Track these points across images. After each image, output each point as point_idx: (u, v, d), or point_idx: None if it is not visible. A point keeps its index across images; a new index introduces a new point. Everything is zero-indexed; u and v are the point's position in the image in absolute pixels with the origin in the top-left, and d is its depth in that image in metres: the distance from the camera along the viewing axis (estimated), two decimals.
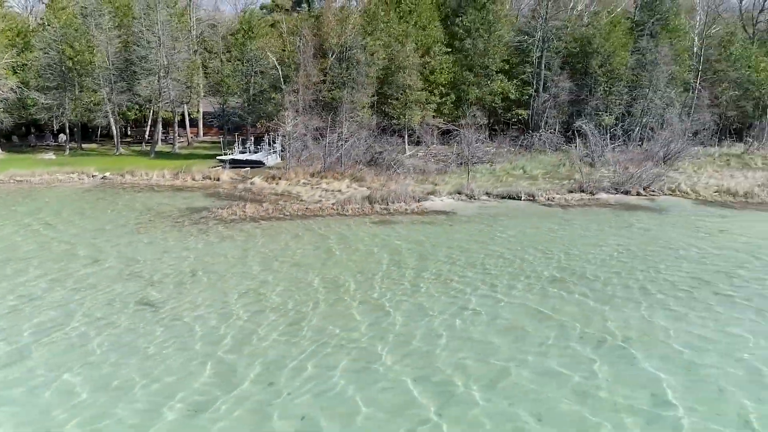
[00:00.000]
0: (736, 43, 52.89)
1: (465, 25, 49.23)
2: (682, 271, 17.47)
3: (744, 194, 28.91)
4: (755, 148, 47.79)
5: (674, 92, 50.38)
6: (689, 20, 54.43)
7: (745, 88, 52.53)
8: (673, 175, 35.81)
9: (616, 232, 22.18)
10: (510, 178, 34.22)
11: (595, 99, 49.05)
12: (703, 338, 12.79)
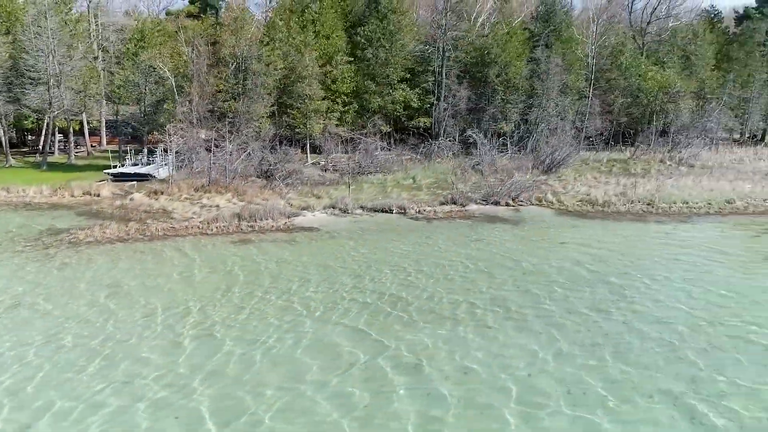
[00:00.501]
0: (626, 53, 55.52)
1: (367, 34, 49.75)
2: (503, 288, 18.31)
3: (602, 203, 30.45)
4: (640, 153, 50.38)
5: (568, 100, 52.45)
6: (584, 31, 56.74)
7: (635, 95, 55.24)
8: (553, 183, 37.35)
9: (464, 247, 22.98)
10: (396, 189, 34.83)
11: (493, 107, 50.53)
12: (477, 359, 13.49)
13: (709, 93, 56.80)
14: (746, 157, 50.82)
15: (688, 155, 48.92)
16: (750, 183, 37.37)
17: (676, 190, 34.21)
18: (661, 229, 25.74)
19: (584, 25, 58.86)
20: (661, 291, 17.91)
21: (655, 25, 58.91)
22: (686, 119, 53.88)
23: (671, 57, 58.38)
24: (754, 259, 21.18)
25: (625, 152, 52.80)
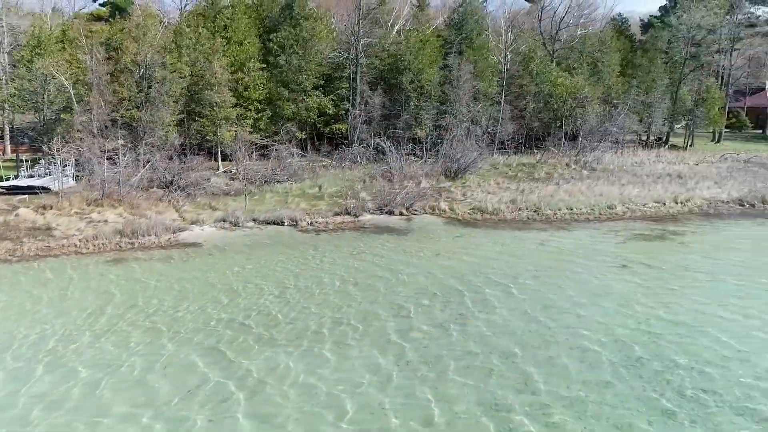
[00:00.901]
0: (536, 60, 57.16)
1: (279, 41, 49.39)
2: (374, 302, 18.72)
3: (492, 211, 31.29)
4: (547, 157, 52.01)
5: (480, 106, 53.59)
6: (498, 38, 58.07)
7: (545, 101, 56.93)
8: (455, 190, 38.11)
9: (346, 260, 23.26)
10: (298, 199, 34.75)
11: (407, 113, 51.07)
12: (322, 377, 13.74)
13: (615, 98, 59.09)
14: (647, 160, 53.22)
15: (592, 159, 50.79)
16: (639, 187, 39.15)
17: (568, 195, 35.56)
18: (539, 237, 26.71)
19: (499, 32, 60.27)
20: (523, 301, 18.65)
21: (565, 32, 60.90)
22: (593, 123, 55.86)
23: (581, 64, 60.45)
24: (613, 266, 22.20)
25: (537, 156, 54.29)
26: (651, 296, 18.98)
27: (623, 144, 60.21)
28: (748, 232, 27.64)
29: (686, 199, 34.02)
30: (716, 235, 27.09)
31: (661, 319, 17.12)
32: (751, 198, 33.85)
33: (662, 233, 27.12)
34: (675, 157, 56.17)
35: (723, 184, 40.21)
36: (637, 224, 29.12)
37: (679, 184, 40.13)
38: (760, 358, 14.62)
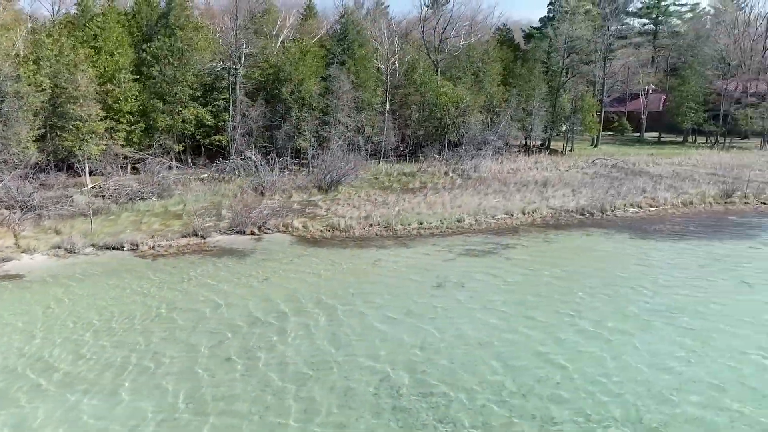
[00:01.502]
0: (419, 70, 58.19)
1: (153, 52, 47.79)
2: (177, 337, 18.40)
3: (343, 228, 31.51)
4: (427, 165, 53.03)
5: (364, 115, 53.95)
6: (382, 48, 58.62)
7: (429, 110, 58.04)
8: (322, 204, 38.14)
9: (172, 288, 22.78)
10: (154, 219, 33.70)
11: (288, 124, 50.69)
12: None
13: (496, 107, 61.00)
14: (524, 167, 55.14)
15: (471, 167, 52.21)
16: (501, 196, 40.53)
17: (427, 208, 36.36)
18: (376, 255, 27.10)
19: (385, 42, 60.85)
20: (328, 328, 18.77)
21: (449, 43, 62.29)
22: (475, 132, 57.42)
23: (465, 73, 62.02)
24: (430, 285, 22.81)
25: (421, 164, 55.17)
26: (444, 318, 19.67)
27: (507, 150, 62.39)
28: (573, 244, 29.17)
29: (533, 210, 35.50)
30: (542, 247, 28.38)
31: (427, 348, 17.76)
32: (592, 207, 35.74)
33: (494, 248, 28.15)
34: (551, 162, 58.64)
35: (578, 191, 42.31)
36: (477, 238, 30.10)
37: (539, 193, 41.90)
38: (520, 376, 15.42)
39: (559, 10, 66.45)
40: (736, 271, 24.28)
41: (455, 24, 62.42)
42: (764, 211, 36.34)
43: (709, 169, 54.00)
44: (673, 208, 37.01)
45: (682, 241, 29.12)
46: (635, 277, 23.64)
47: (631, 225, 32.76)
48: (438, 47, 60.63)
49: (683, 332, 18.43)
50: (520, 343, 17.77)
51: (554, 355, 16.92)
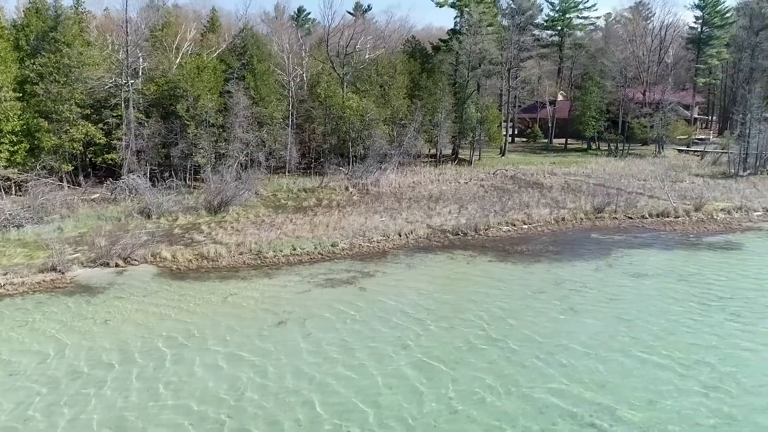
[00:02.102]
0: (323, 84, 58.07)
1: (37, 69, 45.77)
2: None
3: (213, 257, 31.07)
4: (328, 180, 53.01)
5: (266, 131, 53.43)
6: (287, 61, 58.11)
7: (335, 124, 58.00)
8: (205, 228, 37.44)
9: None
10: (20, 250, 32.18)
11: (185, 142, 49.58)
12: None
13: (403, 119, 61.54)
14: (426, 180, 55.86)
15: (371, 182, 52.52)
16: (389, 215, 40.91)
17: (309, 230, 36.35)
18: (233, 288, 26.88)
19: (287, 55, 60.36)
20: (149, 380, 18.48)
21: (354, 56, 62.36)
22: (380, 145, 57.74)
23: (372, 86, 62.25)
24: (271, 324, 22.79)
25: (322, 179, 55.02)
26: (272, 361, 19.71)
27: (415, 162, 63.17)
28: (432, 269, 29.68)
29: (410, 231, 36.03)
30: (401, 275, 28.71)
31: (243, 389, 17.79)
32: (467, 227, 36.59)
33: (354, 277, 28.38)
34: (455, 174, 59.74)
35: (465, 207, 43.26)
36: (343, 265, 30.27)
37: (427, 210, 42.55)
38: None
39: (464, 24, 67.66)
40: (570, 298, 25.35)
41: (360, 37, 62.45)
42: (627, 227, 38.11)
43: (599, 179, 56.30)
44: (545, 225, 38.31)
45: (535, 264, 30.16)
46: (474, 307, 24.32)
47: (498, 246, 33.70)
48: (343, 61, 60.59)
49: (488, 369, 19.10)
50: (338, 388, 17.97)
51: (368, 398, 17.21)
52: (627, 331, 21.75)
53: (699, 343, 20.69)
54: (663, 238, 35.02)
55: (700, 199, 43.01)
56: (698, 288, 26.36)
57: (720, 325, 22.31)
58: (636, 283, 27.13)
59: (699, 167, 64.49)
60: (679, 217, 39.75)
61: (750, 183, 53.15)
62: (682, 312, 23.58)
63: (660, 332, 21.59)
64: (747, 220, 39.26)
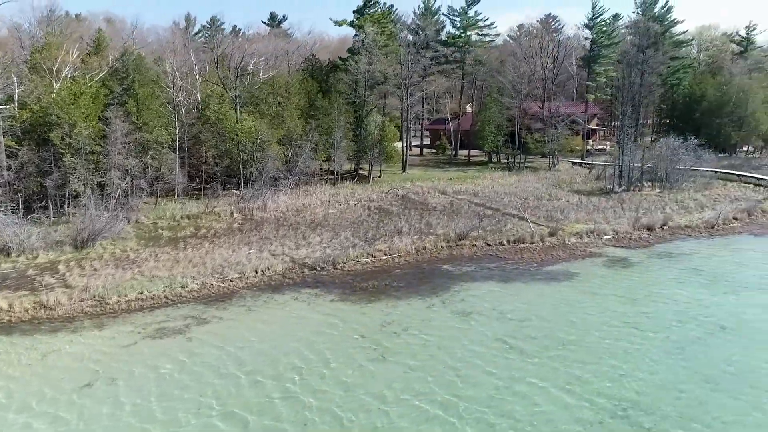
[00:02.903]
0: (212, 106, 57.48)
1: None
2: None
3: (51, 305, 30.35)
4: (213, 206, 52.54)
5: (150, 156, 52.45)
6: (172, 84, 57.13)
7: (226, 146, 57.51)
8: (61, 268, 36.45)
9: None
10: None
11: (60, 171, 48.08)
12: None
13: (298, 139, 61.65)
14: (314, 203, 56.01)
15: (258, 206, 52.40)
16: (259, 246, 40.95)
17: (169, 268, 35.87)
18: (59, 343, 26.40)
19: (184, 77, 59.42)
20: None
21: (247, 78, 62.01)
22: (272, 167, 57.62)
23: (269, 106, 62.03)
24: (80, 384, 22.55)
25: (207, 203, 54.29)
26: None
27: (313, 181, 63.39)
28: (272, 313, 29.90)
29: (267, 267, 36.29)
30: (237, 321, 28.83)
31: None
32: (324, 261, 37.14)
33: (189, 324, 28.33)
34: (348, 193, 60.24)
35: (338, 235, 43.78)
36: (185, 309, 30.21)
37: (300, 239, 42.89)
38: None
39: (360, 44, 68.36)
40: (386, 343, 26.22)
41: (253, 58, 62.14)
42: (481, 255, 39.56)
43: (484, 198, 58.10)
44: (405, 255, 39.34)
45: (374, 303, 30.97)
46: (294, 356, 24.81)
47: (347, 282, 34.38)
48: (235, 83, 60.14)
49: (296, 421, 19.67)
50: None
51: None
52: (420, 381, 22.72)
53: (482, 394, 21.80)
54: (508, 268, 36.59)
55: (557, 224, 45.19)
56: (510, 326, 27.73)
57: (512, 367, 23.60)
58: (458, 324, 28.28)
59: (583, 182, 67.62)
60: (534, 243, 41.56)
61: (619, 201, 56.03)
62: (484, 355, 24.77)
63: (451, 381, 22.65)
64: (594, 245, 41.47)
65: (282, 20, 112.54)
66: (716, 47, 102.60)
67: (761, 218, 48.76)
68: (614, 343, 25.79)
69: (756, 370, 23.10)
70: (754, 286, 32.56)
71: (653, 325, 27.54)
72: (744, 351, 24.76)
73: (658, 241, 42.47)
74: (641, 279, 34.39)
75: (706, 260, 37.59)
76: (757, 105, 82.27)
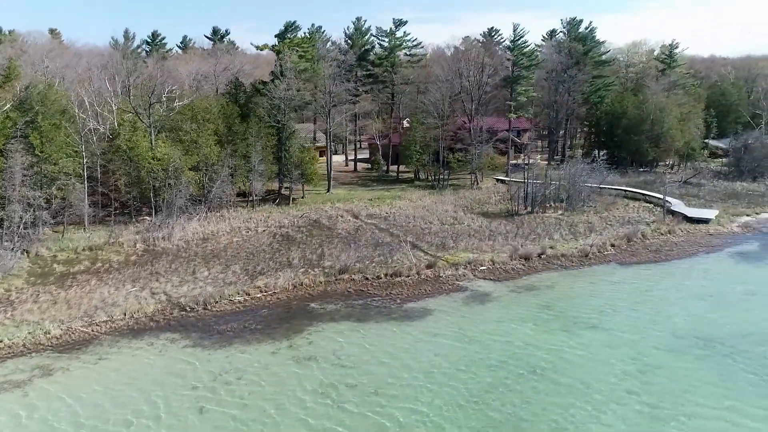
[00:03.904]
0: (123, 134, 57.98)
1: None
2: None
3: None
4: (117, 236, 53.06)
5: (56, 186, 52.82)
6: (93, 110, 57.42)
7: (137, 174, 58.02)
8: None
9: None
10: None
11: None
12: None
13: (214, 164, 62.32)
14: (223, 230, 56.58)
15: (162, 235, 53.11)
16: (144, 282, 41.75)
17: (42, 310, 36.57)
18: None
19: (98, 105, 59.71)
20: None
21: (164, 104, 62.56)
22: (187, 193, 58.25)
23: (186, 133, 62.54)
24: None
25: (111, 233, 54.33)
26: None
27: (228, 205, 64.02)
28: (115, 363, 30.71)
29: (137, 310, 37.20)
30: (83, 372, 29.53)
31: None
32: (197, 300, 38.16)
33: (33, 377, 29.00)
34: (261, 218, 60.88)
35: (228, 268, 44.87)
36: (36, 359, 30.96)
37: (189, 274, 43.87)
38: None
39: (278, 69, 69.28)
40: (211, 395, 27.35)
41: (168, 86, 62.71)
42: (354, 291, 40.78)
43: (392, 221, 59.31)
44: (281, 292, 40.54)
45: (224, 348, 32.07)
46: (122, 413, 25.81)
47: (209, 324, 35.30)
48: (149, 111, 60.65)
49: None
50: None
51: None
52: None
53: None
54: (372, 306, 38.02)
55: (443, 253, 46.81)
56: (340, 373, 29.12)
57: (329, 416, 24.96)
58: (296, 369, 29.53)
59: (497, 202, 69.33)
60: (410, 276, 43.08)
61: (519, 224, 57.77)
62: (305, 404, 26.08)
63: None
64: (466, 278, 43.09)
65: (225, 34, 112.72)
66: (642, 64, 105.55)
67: (638, 244, 50.89)
68: (430, 388, 27.30)
69: (538, 418, 24.76)
70: (586, 323, 34.42)
71: (476, 368, 29.12)
72: (536, 396, 26.48)
73: (529, 272, 44.28)
74: (489, 317, 36.05)
75: (561, 294, 39.46)
76: (672, 122, 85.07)
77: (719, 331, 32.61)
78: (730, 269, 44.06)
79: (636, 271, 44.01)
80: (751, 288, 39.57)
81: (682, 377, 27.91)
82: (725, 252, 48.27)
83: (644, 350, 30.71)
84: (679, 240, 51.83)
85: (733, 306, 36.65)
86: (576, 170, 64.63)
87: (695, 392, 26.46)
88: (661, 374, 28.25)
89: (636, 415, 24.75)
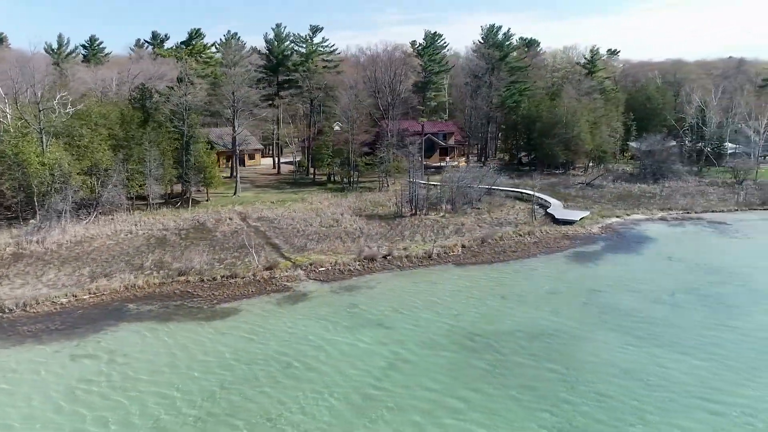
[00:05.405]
0: (8, 139, 58.88)
1: None
2: None
3: None
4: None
5: None
6: None
7: (23, 180, 58.89)
8: None
9: None
10: None
11: None
12: None
13: (108, 169, 63.18)
14: (107, 233, 57.32)
15: (39, 238, 53.91)
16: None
17: None
18: None
19: None
20: None
21: (57, 110, 63.46)
22: (75, 197, 59.10)
23: (80, 138, 63.38)
24: None
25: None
26: None
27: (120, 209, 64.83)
28: None
29: None
30: None
31: None
32: (20, 302, 38.97)
33: None
34: (151, 221, 61.83)
35: (79, 270, 45.71)
36: None
37: (37, 275, 44.61)
38: None
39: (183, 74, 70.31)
40: None
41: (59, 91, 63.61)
42: (182, 292, 41.57)
43: (277, 226, 60.00)
44: (112, 293, 41.31)
45: (15, 347, 32.96)
46: None
47: (21, 324, 35.63)
48: (40, 116, 61.53)
49: None
50: None
51: None
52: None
53: None
54: (187, 305, 38.73)
55: (297, 255, 47.69)
56: (103, 372, 29.94)
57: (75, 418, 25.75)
58: (60, 370, 30.20)
59: (393, 204, 70.17)
60: (245, 278, 43.91)
61: (397, 226, 58.67)
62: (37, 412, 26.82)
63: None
64: (295, 279, 43.90)
65: (165, 39, 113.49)
66: (565, 69, 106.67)
67: (490, 246, 51.71)
68: (194, 377, 28.10)
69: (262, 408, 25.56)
70: (374, 322, 35.28)
71: (242, 362, 29.98)
72: (274, 387, 27.38)
73: (364, 273, 45.14)
74: (293, 315, 36.82)
75: (375, 294, 40.28)
76: (583, 126, 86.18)
77: (487, 328, 33.55)
78: (553, 270, 44.94)
79: (465, 272, 44.90)
80: (556, 287, 40.47)
81: (421, 370, 28.82)
82: (565, 253, 49.18)
83: (409, 347, 31.59)
84: (532, 241, 52.74)
85: (527, 305, 37.58)
86: (461, 174, 65.65)
87: (426, 384, 27.35)
88: (403, 368, 29.14)
89: (348, 408, 25.61)
